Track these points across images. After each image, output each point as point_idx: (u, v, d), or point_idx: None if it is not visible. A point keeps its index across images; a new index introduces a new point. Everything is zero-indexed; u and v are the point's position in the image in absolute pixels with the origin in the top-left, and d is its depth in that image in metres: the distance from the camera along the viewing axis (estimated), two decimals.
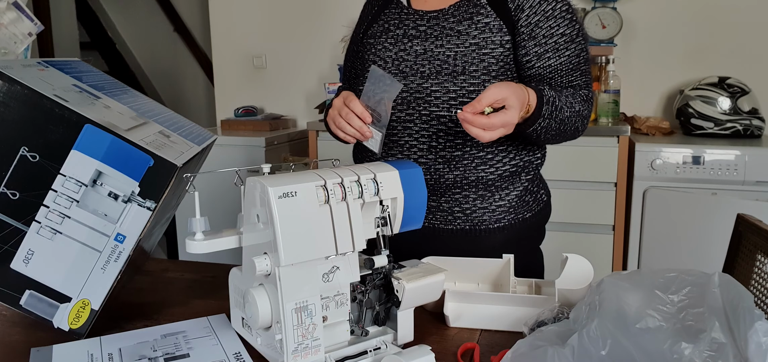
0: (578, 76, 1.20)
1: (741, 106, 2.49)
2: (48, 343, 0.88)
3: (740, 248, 1.35)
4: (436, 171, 1.19)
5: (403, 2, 1.26)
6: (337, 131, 1.18)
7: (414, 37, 1.21)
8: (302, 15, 3.30)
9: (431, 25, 1.20)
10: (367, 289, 0.85)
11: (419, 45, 1.20)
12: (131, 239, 0.86)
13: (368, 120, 1.13)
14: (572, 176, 2.48)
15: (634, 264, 2.49)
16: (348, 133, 1.15)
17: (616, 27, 2.66)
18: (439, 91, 1.17)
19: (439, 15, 1.20)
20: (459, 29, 1.17)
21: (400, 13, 1.26)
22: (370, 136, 1.14)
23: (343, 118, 1.14)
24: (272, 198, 0.74)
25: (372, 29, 1.29)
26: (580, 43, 1.20)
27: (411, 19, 1.23)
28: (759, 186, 2.31)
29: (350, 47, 1.38)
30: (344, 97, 1.16)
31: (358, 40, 1.32)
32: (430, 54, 1.19)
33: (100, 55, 4.93)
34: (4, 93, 0.79)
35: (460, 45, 1.17)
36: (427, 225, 1.23)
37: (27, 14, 1.55)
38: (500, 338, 0.89)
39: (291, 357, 0.76)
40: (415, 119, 1.19)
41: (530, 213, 1.26)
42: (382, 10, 1.29)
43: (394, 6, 1.27)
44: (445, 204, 1.21)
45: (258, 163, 2.83)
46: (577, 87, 1.20)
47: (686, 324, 0.67)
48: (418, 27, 1.22)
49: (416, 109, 1.19)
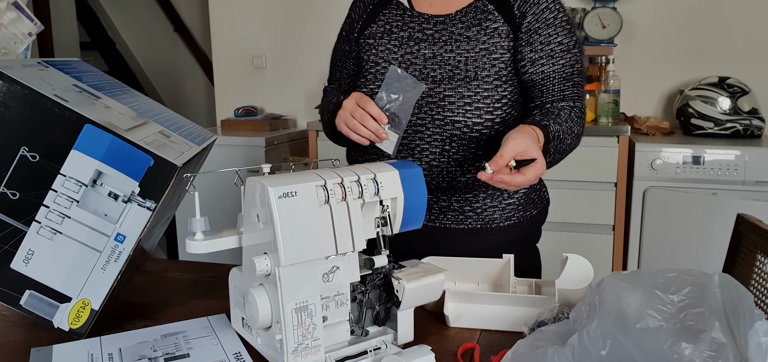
0: (570, 86, 1.20)
1: (741, 106, 2.49)
2: (48, 343, 0.88)
3: (740, 248, 1.35)
4: (448, 174, 1.19)
5: (405, 3, 1.24)
6: (350, 133, 1.15)
7: (421, 40, 1.20)
8: (302, 15, 3.30)
9: (439, 30, 1.19)
10: (367, 289, 0.85)
11: (427, 49, 1.19)
12: (131, 239, 0.86)
13: (385, 121, 1.12)
14: (572, 176, 2.47)
15: (634, 264, 2.49)
16: (362, 135, 1.13)
17: (616, 27, 2.66)
18: (454, 96, 1.16)
19: (447, 20, 1.19)
20: (468, 35, 1.17)
21: (402, 14, 1.24)
22: (386, 138, 1.13)
23: (358, 120, 1.13)
24: (272, 198, 0.74)
25: (370, 29, 1.26)
26: (575, 54, 1.20)
27: (415, 22, 1.22)
28: (759, 186, 2.30)
29: (340, 46, 1.35)
30: (357, 98, 1.14)
31: (353, 40, 1.30)
32: (439, 58, 1.18)
33: (100, 55, 4.93)
34: (4, 93, 0.79)
35: (471, 50, 1.16)
36: (438, 225, 1.23)
37: (27, 14, 1.55)
38: (500, 338, 0.89)
39: (291, 357, 0.76)
40: (427, 123, 1.18)
41: (536, 210, 1.28)
42: (379, 9, 1.27)
43: (393, 6, 1.25)
44: (455, 204, 1.21)
45: (258, 163, 2.83)
46: (569, 98, 1.20)
47: (686, 324, 0.67)
48: (425, 30, 1.20)
49: (429, 113, 1.18)
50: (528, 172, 1.00)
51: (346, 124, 1.15)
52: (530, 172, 1.00)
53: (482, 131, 1.17)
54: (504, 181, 0.98)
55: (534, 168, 1.00)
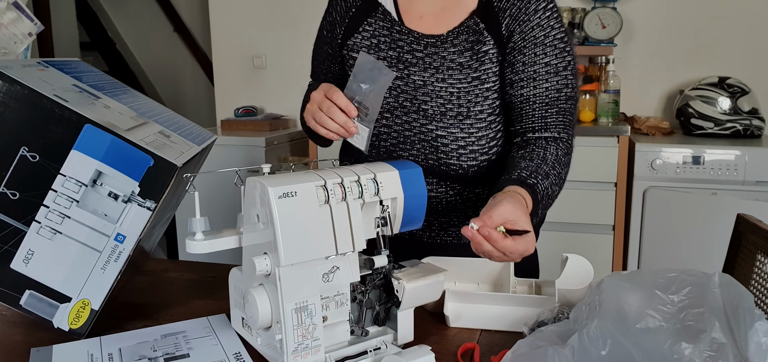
0: (554, 113, 1.09)
1: (741, 106, 2.49)
2: (48, 343, 0.88)
3: (740, 248, 1.35)
4: (447, 203, 1.16)
5: (393, 14, 1.15)
6: (318, 127, 1.06)
7: (411, 63, 1.11)
8: (302, 15, 3.30)
9: (430, 54, 1.10)
10: (367, 289, 0.85)
11: (418, 75, 1.11)
12: (131, 239, 0.86)
13: (353, 114, 1.02)
14: (572, 176, 2.45)
15: (634, 264, 2.49)
16: (330, 129, 1.04)
17: (616, 27, 2.66)
18: (447, 138, 1.12)
19: (438, 42, 1.10)
20: (461, 62, 1.09)
21: (390, 28, 1.14)
22: (356, 132, 1.03)
23: (325, 112, 1.03)
24: (272, 198, 0.74)
25: (354, 39, 1.17)
26: (566, 77, 1.09)
27: (405, 41, 1.13)
28: (759, 186, 2.30)
29: (323, 47, 1.26)
30: (325, 89, 1.04)
31: (336, 44, 1.21)
32: (430, 88, 1.10)
33: (100, 55, 4.93)
34: (4, 93, 0.79)
35: (463, 80, 1.09)
36: (439, 241, 1.20)
37: (27, 14, 1.55)
38: (500, 338, 0.89)
39: (291, 357, 0.76)
40: (420, 162, 1.12)
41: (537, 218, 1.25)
42: (363, 16, 1.16)
43: (379, 15, 1.15)
44: (455, 220, 1.18)
45: (258, 163, 2.83)
46: (553, 127, 1.09)
47: (686, 324, 0.67)
48: (415, 52, 1.11)
49: (421, 151, 1.13)
50: (520, 243, 0.85)
51: (313, 118, 1.06)
52: (521, 244, 0.85)
53: (479, 172, 1.14)
54: (492, 240, 0.83)
55: (525, 241, 0.86)
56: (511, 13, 1.09)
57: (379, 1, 1.16)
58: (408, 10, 1.15)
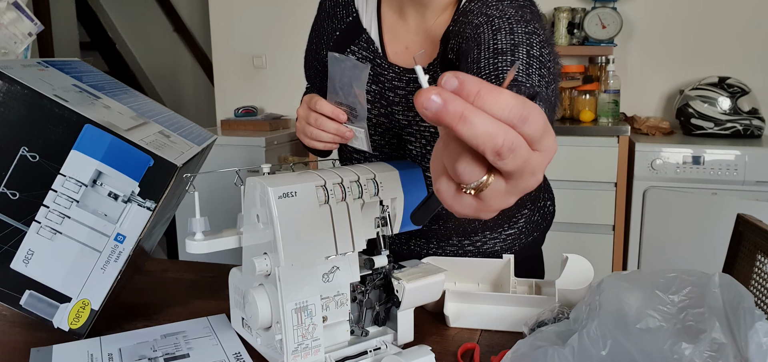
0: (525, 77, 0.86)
1: (741, 106, 2.49)
2: (48, 343, 0.88)
3: (740, 248, 1.35)
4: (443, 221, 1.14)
5: (377, 44, 1.08)
6: (313, 142, 1.02)
7: (394, 102, 1.05)
8: (302, 15, 3.30)
9: (412, 91, 1.03)
10: (367, 289, 0.85)
11: (402, 115, 1.05)
12: (131, 239, 0.86)
13: (343, 118, 0.98)
14: (572, 176, 2.48)
15: (634, 264, 2.49)
16: (325, 141, 1.01)
17: (616, 27, 2.66)
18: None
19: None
20: None
21: (372, 58, 1.07)
22: (352, 136, 1.00)
23: (314, 125, 1.00)
24: (272, 198, 0.74)
25: None
26: (515, 55, 0.84)
27: (386, 76, 1.06)
28: (759, 186, 2.31)
29: (312, 61, 1.22)
30: (307, 101, 1.01)
31: (322, 61, 1.16)
32: (415, 128, 1.04)
33: (100, 55, 4.93)
34: (4, 93, 0.79)
35: None
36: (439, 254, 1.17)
37: (27, 14, 1.55)
38: (500, 338, 0.89)
39: (291, 357, 0.76)
40: None
41: (538, 232, 1.23)
42: (348, 41, 1.10)
43: (363, 42, 1.08)
44: (455, 239, 1.17)
45: (258, 163, 2.83)
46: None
47: (686, 324, 0.67)
48: (397, 90, 1.05)
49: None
50: (528, 106, 0.42)
51: (304, 134, 1.03)
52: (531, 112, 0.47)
53: None
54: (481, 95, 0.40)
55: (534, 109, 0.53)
56: (454, 31, 0.98)
57: (364, 27, 1.09)
58: (392, 40, 1.08)
